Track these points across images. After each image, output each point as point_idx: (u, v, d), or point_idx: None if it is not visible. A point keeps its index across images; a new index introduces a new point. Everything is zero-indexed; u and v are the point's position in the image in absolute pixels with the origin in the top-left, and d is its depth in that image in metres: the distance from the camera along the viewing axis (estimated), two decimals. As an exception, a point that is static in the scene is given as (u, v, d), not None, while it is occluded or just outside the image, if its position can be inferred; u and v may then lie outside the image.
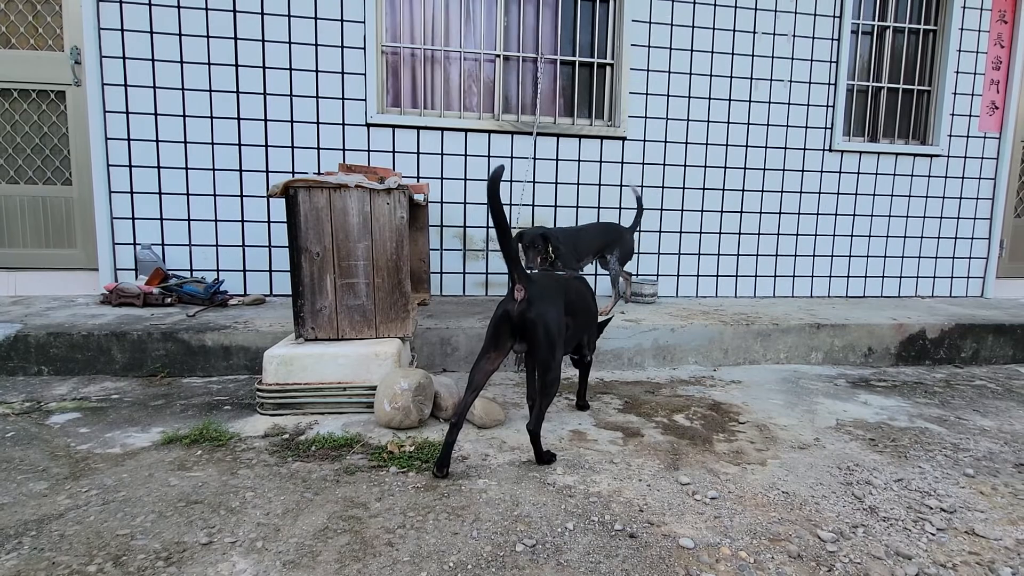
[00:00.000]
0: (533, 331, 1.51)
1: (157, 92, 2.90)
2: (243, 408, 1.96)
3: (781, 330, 2.75)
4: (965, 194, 3.83)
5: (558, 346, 1.55)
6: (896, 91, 3.73)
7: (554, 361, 1.54)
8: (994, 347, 2.94)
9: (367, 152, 3.11)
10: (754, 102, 3.48)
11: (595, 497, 1.41)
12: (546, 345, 1.52)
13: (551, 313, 1.54)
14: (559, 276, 1.76)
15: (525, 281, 1.53)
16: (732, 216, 3.55)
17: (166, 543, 1.17)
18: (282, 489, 1.41)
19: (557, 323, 1.56)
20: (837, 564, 1.16)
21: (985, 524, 1.34)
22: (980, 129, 3.78)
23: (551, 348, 1.53)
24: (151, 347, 2.25)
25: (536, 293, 1.53)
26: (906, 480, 1.55)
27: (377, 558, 1.14)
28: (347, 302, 2.06)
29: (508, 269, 1.52)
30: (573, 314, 1.71)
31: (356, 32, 3.03)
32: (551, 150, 3.29)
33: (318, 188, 1.97)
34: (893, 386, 2.48)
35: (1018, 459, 1.72)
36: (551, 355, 1.53)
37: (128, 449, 1.62)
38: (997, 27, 3.70)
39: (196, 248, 3.02)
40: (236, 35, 2.93)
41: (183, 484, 1.42)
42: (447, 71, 3.24)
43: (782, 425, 1.95)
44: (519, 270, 1.52)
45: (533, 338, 1.52)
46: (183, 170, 2.97)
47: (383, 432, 1.78)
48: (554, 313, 1.56)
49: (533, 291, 1.53)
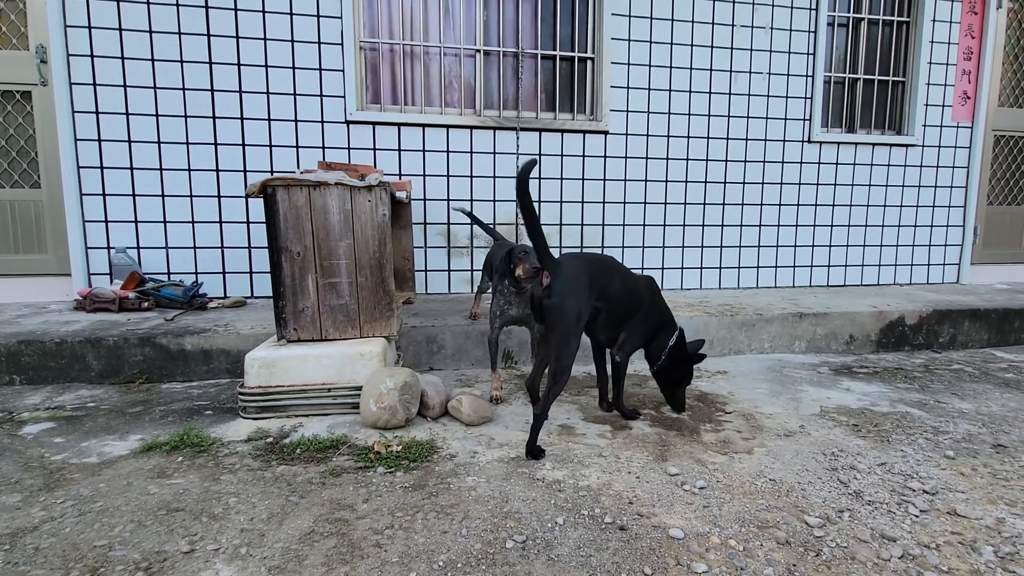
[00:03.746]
0: (550, 318, 1.56)
1: (128, 91, 2.82)
2: (225, 412, 1.92)
3: (765, 320, 2.77)
4: (940, 183, 3.90)
5: (572, 335, 1.56)
6: (872, 82, 3.78)
7: (566, 349, 1.55)
8: (970, 332, 3.00)
9: (347, 150, 3.06)
10: (734, 95, 3.50)
11: (585, 491, 1.40)
12: (560, 333, 1.54)
13: (569, 303, 1.55)
14: (597, 260, 1.71)
15: (553, 269, 1.56)
16: (715, 208, 3.57)
17: (146, 553, 1.14)
18: (266, 493, 1.38)
19: (576, 312, 1.56)
20: (824, 548, 1.17)
21: (966, 504, 1.36)
22: (953, 119, 3.86)
23: (565, 337, 1.54)
24: (128, 353, 2.19)
25: (558, 281, 1.55)
26: (889, 464, 1.57)
27: (365, 560, 1.12)
28: (330, 302, 2.03)
29: (537, 257, 1.57)
30: (607, 298, 1.68)
31: (333, 28, 2.97)
32: (533, 145, 3.27)
33: (297, 186, 1.93)
34: (874, 372, 2.52)
35: (996, 440, 1.76)
36: (564, 344, 1.55)
37: (105, 458, 1.57)
38: (968, 18, 3.78)
39: (173, 251, 2.95)
40: (209, 31, 2.86)
41: (163, 492, 1.38)
42: (427, 67, 3.21)
43: (768, 413, 1.96)
44: (547, 257, 1.55)
45: (549, 325, 1.56)
46: (157, 171, 2.89)
47: (369, 432, 1.76)
48: (572, 303, 1.55)
49: (557, 280, 1.55)
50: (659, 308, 1.88)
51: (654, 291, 1.88)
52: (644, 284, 1.85)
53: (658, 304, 1.88)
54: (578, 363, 2.54)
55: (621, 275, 1.74)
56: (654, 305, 1.86)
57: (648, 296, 1.84)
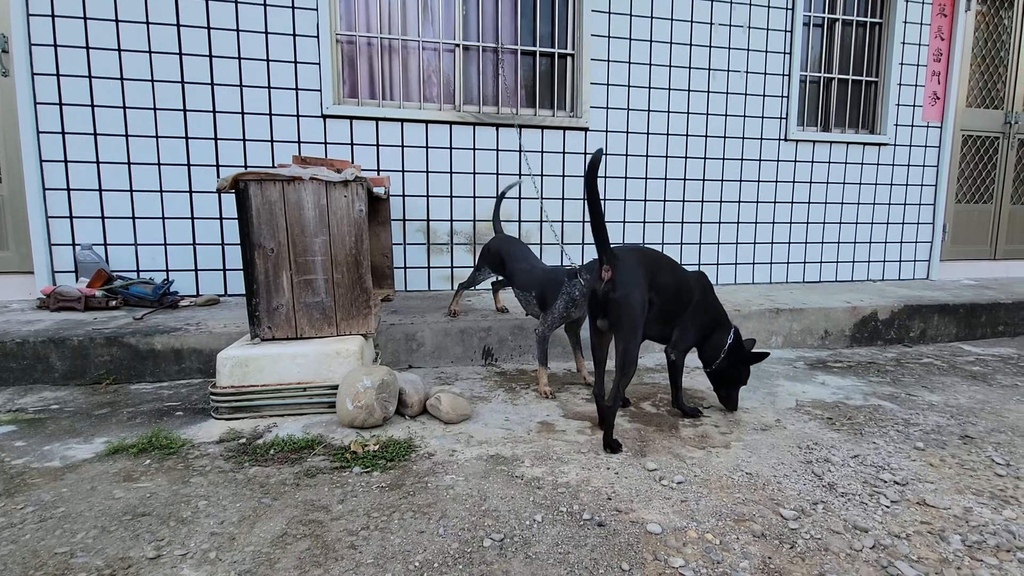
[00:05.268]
0: (616, 311, 1.57)
1: (93, 82, 2.73)
2: (196, 413, 1.87)
3: (743, 316, 2.80)
4: (911, 181, 4.00)
5: (639, 326, 1.58)
6: (846, 82, 3.85)
7: (634, 341, 1.58)
8: (939, 326, 3.08)
9: (324, 144, 3.01)
10: (712, 92, 3.53)
11: (564, 488, 1.40)
12: (627, 325, 1.56)
13: (634, 294, 1.56)
14: (649, 253, 1.69)
15: (613, 262, 1.57)
16: (694, 205, 3.60)
17: (109, 559, 1.10)
18: (238, 496, 1.34)
19: (641, 303, 1.57)
20: (799, 541, 1.19)
21: (935, 494, 1.39)
22: (924, 119, 3.95)
23: (632, 328, 1.56)
24: (94, 353, 2.12)
25: (620, 273, 1.56)
26: (862, 456, 1.60)
27: (339, 562, 1.10)
28: (305, 299, 1.98)
29: (598, 250, 1.59)
30: (658, 291, 1.67)
31: (308, 20, 2.91)
32: (514, 142, 3.26)
33: (270, 181, 1.89)
34: (848, 366, 2.57)
35: (963, 431, 1.80)
36: (632, 335, 1.57)
37: (68, 462, 1.52)
38: (938, 20, 3.87)
39: (143, 247, 2.87)
40: (179, 22, 2.78)
41: (129, 496, 1.34)
42: (405, 61, 3.16)
43: (745, 408, 1.99)
44: (608, 251, 1.56)
45: (616, 318, 1.57)
46: (125, 165, 2.80)
47: (346, 432, 1.73)
48: (637, 294, 1.57)
49: (619, 272, 1.56)
50: (711, 304, 1.85)
51: (705, 286, 1.84)
52: (694, 278, 1.82)
53: (710, 300, 1.85)
54: (558, 359, 2.54)
55: (669, 267, 1.73)
56: (706, 301, 1.83)
57: (699, 291, 1.81)
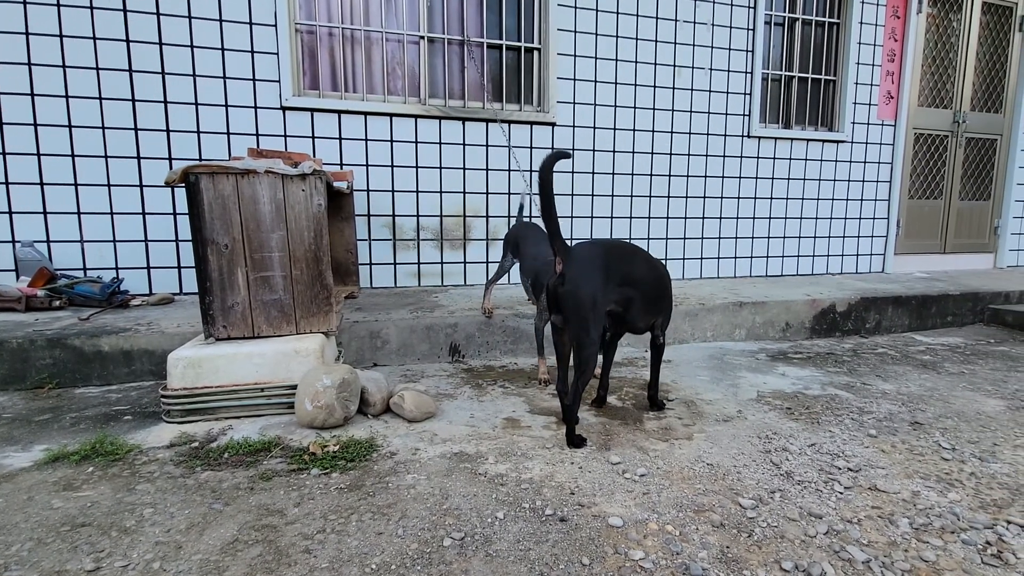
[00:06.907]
0: (564, 306, 1.53)
1: (33, 70, 2.57)
2: (147, 417, 1.79)
3: (707, 309, 2.85)
4: (867, 177, 4.13)
5: (590, 322, 1.53)
6: (806, 80, 3.95)
7: (587, 338, 1.53)
8: (893, 317, 3.20)
9: (284, 137, 2.91)
10: (677, 89, 3.57)
11: (527, 484, 1.39)
12: (575, 321, 1.53)
13: (584, 289, 1.52)
14: (617, 247, 1.65)
15: (563, 255, 1.54)
16: (660, 201, 3.64)
17: (44, 573, 1.04)
18: (187, 502, 1.29)
19: (591, 299, 1.52)
20: (756, 529, 1.20)
21: (886, 479, 1.43)
22: (878, 117, 4.09)
23: (581, 324, 1.52)
24: (35, 356, 2.00)
25: (572, 268, 1.53)
26: (818, 444, 1.64)
27: (292, 567, 1.06)
28: (262, 297, 1.92)
29: (551, 243, 1.55)
30: (635, 284, 1.64)
31: (266, 8, 2.81)
32: (481, 136, 3.22)
33: (223, 174, 1.81)
34: (808, 357, 2.64)
35: (913, 418, 1.87)
36: (582, 331, 1.53)
37: (4, 471, 1.43)
38: (891, 22, 4.00)
39: (89, 244, 2.73)
40: (125, 7, 2.64)
41: (68, 506, 1.26)
42: (369, 53, 3.09)
43: (708, 400, 2.01)
44: (559, 243, 1.53)
45: (565, 313, 1.54)
46: (69, 158, 2.65)
47: (305, 433, 1.68)
48: (588, 289, 1.52)
49: (569, 267, 1.53)
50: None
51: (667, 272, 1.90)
52: (658, 264, 1.84)
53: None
54: (525, 354, 2.53)
55: (644, 260, 1.71)
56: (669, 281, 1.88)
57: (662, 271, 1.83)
